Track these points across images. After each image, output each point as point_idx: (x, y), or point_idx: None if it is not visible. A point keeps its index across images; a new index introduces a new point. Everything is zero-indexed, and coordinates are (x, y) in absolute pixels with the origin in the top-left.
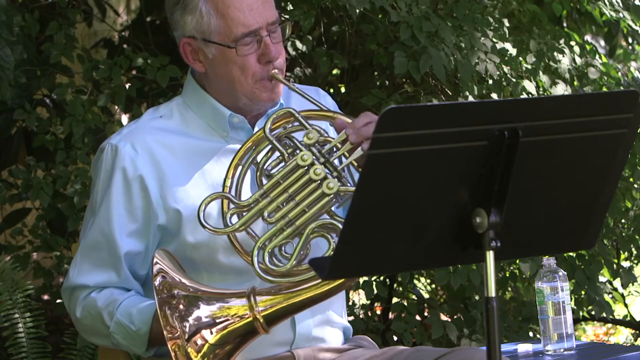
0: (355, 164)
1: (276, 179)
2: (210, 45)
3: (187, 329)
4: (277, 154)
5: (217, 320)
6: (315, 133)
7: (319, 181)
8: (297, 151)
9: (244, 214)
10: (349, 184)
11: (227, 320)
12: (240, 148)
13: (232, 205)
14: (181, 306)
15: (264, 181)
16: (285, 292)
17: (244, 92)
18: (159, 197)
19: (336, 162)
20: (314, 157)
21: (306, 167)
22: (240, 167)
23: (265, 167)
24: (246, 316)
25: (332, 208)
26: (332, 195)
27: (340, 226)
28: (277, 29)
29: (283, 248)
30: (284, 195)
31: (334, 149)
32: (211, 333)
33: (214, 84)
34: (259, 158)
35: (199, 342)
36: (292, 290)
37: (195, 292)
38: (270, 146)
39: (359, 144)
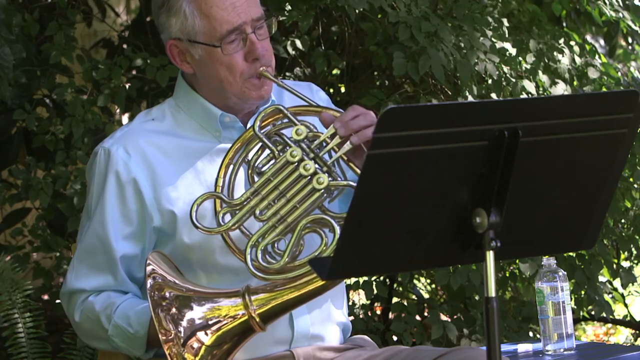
0: (345, 157)
1: (267, 176)
2: (196, 46)
3: (181, 334)
4: (267, 151)
5: (212, 322)
6: (304, 129)
7: (309, 177)
8: (287, 148)
9: (237, 212)
10: (339, 178)
11: (222, 320)
12: (231, 147)
13: (224, 205)
14: (174, 309)
15: (256, 179)
16: (280, 289)
17: (233, 92)
18: (153, 199)
19: (326, 156)
20: (303, 153)
21: (296, 163)
22: (231, 166)
23: (256, 165)
24: (242, 315)
25: (324, 203)
26: (322, 190)
27: (332, 221)
28: (262, 26)
29: (276, 245)
30: (275, 193)
31: (324, 144)
32: (206, 334)
33: (203, 84)
34: (249, 156)
35: (195, 345)
36: (287, 287)
37: (188, 293)
38: (260, 144)
39: (348, 137)
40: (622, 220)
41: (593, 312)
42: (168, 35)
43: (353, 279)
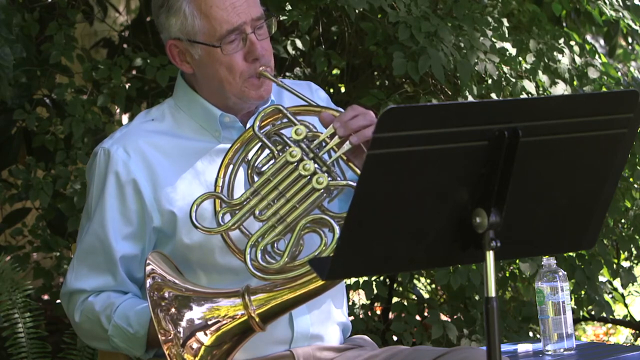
0: (344, 157)
1: (266, 176)
2: (196, 46)
3: (181, 334)
4: (267, 151)
5: (212, 322)
6: (303, 128)
7: (308, 176)
8: (287, 147)
9: (236, 212)
10: (338, 178)
11: (222, 320)
12: (230, 147)
13: (224, 205)
14: (173, 309)
15: (255, 179)
16: (279, 289)
17: (232, 92)
18: (152, 199)
19: (325, 156)
20: (302, 153)
21: (295, 163)
22: (231, 166)
23: (256, 164)
24: (241, 315)
25: (324, 203)
26: (322, 190)
27: (332, 221)
28: (262, 26)
29: (275, 245)
30: (274, 192)
31: (323, 144)
32: (206, 335)
33: (202, 85)
34: (249, 156)
35: (195, 345)
36: (287, 287)
37: (188, 293)
38: (260, 144)
39: (347, 137)
40: (622, 220)
41: (593, 312)
42: (168, 35)
43: (353, 279)
